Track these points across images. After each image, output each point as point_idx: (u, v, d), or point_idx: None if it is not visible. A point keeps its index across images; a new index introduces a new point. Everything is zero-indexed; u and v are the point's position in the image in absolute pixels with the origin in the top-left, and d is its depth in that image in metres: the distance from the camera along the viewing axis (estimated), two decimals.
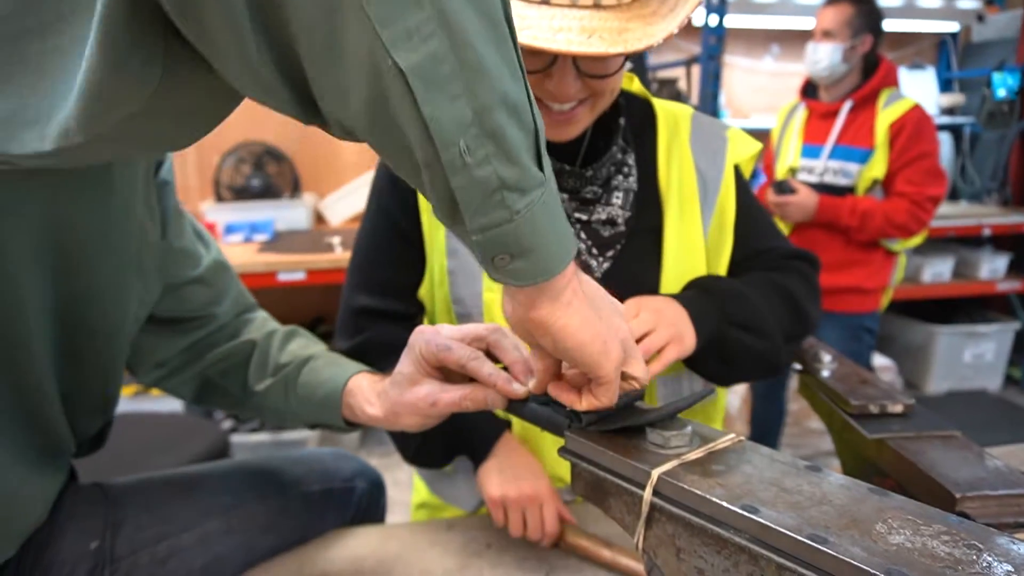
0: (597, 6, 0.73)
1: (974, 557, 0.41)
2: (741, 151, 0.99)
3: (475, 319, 0.94)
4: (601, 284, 0.90)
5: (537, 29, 0.71)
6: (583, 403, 0.57)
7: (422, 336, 0.66)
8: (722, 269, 0.98)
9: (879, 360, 3.07)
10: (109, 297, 0.70)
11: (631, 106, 0.99)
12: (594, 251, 0.93)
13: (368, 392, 0.74)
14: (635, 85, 1.02)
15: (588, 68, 0.79)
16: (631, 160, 0.96)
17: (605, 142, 0.93)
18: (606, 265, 0.93)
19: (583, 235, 0.94)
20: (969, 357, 3.46)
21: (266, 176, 3.08)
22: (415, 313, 1.01)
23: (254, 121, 3.22)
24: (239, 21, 0.34)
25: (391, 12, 0.35)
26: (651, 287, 0.94)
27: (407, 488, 2.56)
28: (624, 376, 0.57)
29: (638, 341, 0.76)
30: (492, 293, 0.92)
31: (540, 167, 0.43)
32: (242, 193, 3.05)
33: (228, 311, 0.87)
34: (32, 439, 0.68)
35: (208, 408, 0.90)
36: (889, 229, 2.08)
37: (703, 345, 0.82)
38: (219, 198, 3.05)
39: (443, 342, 0.64)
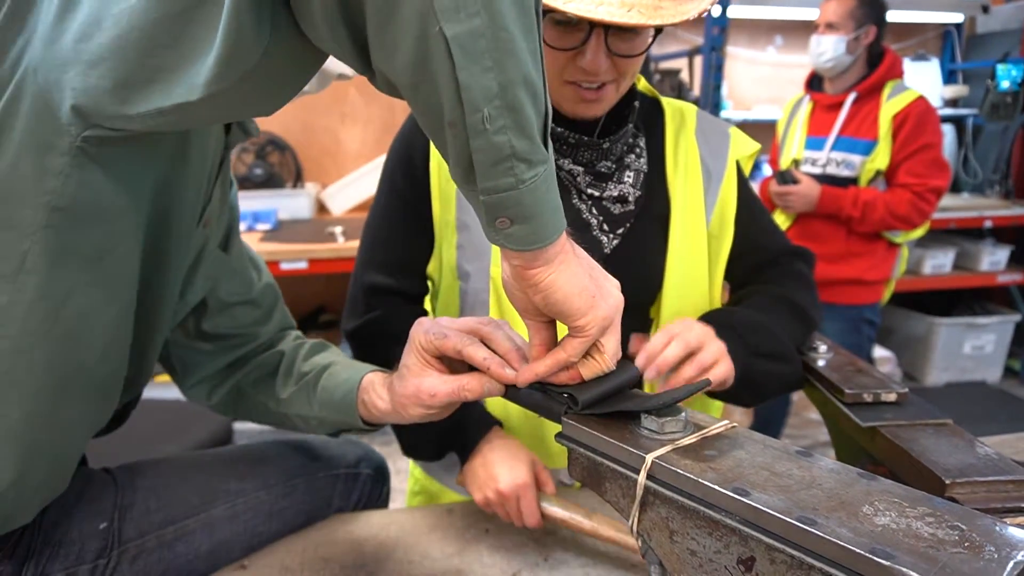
0: None
1: (956, 537, 0.42)
2: (742, 148, 1.03)
3: (480, 295, 0.97)
4: (609, 261, 0.94)
5: (580, 2, 0.77)
6: (547, 362, 0.60)
7: (420, 327, 0.68)
8: (722, 259, 1.01)
9: (879, 352, 3.08)
10: (172, 275, 0.73)
11: (642, 102, 1.02)
12: (605, 227, 0.96)
13: (379, 388, 0.76)
14: (642, 84, 1.05)
15: (617, 48, 0.85)
16: (642, 143, 1.00)
17: (619, 122, 0.97)
18: (615, 242, 0.96)
19: (594, 211, 0.96)
20: (969, 349, 3.47)
21: (269, 165, 3.09)
22: (424, 292, 1.04)
23: None
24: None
25: None
26: (657, 267, 0.97)
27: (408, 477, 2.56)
28: (596, 347, 0.59)
29: (691, 356, 0.80)
30: (498, 269, 0.93)
31: (546, 146, 0.48)
32: (245, 182, 3.06)
33: (271, 330, 0.91)
34: (100, 408, 0.70)
35: (244, 419, 0.92)
36: (891, 220, 2.08)
37: (735, 380, 0.85)
38: None
39: (440, 331, 0.66)
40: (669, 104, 1.04)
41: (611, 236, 0.95)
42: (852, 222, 2.13)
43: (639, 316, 0.99)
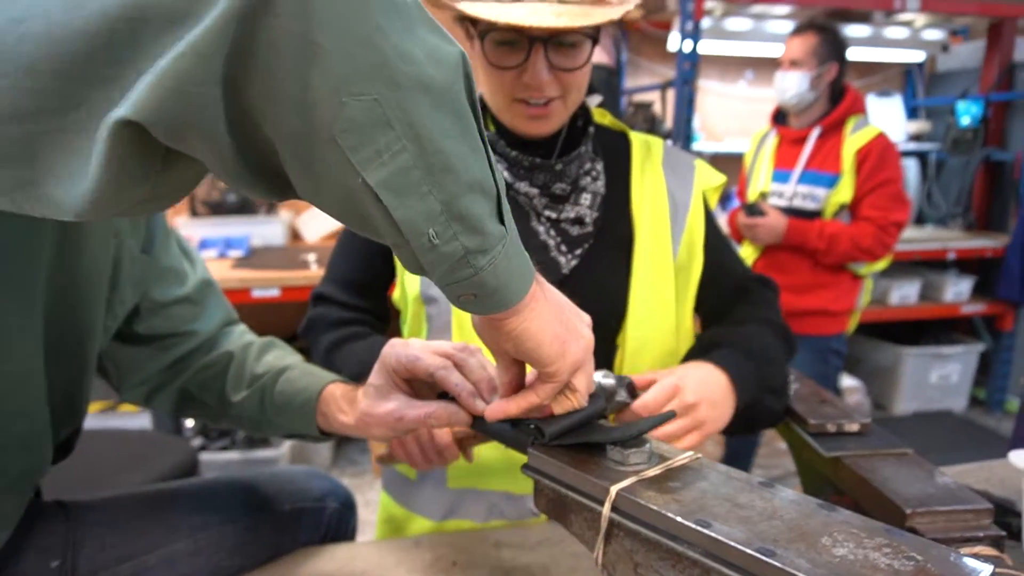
0: (560, 2, 0.83)
1: (912, 568, 0.43)
2: (708, 179, 1.05)
3: (446, 320, 0.97)
4: (567, 281, 0.95)
5: (511, 13, 0.80)
6: (518, 402, 0.60)
7: (392, 349, 0.68)
8: (692, 288, 1.02)
9: (847, 381, 3.13)
10: (88, 300, 0.71)
11: (605, 134, 1.06)
12: (562, 248, 0.97)
13: (341, 401, 0.76)
14: (607, 119, 1.09)
15: (558, 62, 0.88)
16: (599, 167, 1.02)
17: (573, 145, 1.00)
18: (574, 263, 0.97)
19: (552, 232, 0.98)
20: (935, 378, 3.53)
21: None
22: (372, 314, 1.05)
23: None
24: (222, 149, 0.37)
25: (361, 139, 0.38)
26: (620, 292, 0.98)
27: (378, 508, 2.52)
28: (568, 386, 0.59)
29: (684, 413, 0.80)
30: None
31: (502, 221, 0.47)
32: (218, 208, 3.04)
33: (210, 326, 0.88)
34: (16, 456, 0.68)
35: (189, 418, 0.90)
36: (855, 252, 2.13)
37: (737, 410, 0.85)
38: (194, 213, 3.04)
39: (413, 353, 0.67)
40: (636, 137, 1.07)
41: (569, 257, 0.97)
42: (818, 254, 2.17)
43: (604, 340, 1.00)
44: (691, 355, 0.94)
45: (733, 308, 1.03)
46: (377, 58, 0.37)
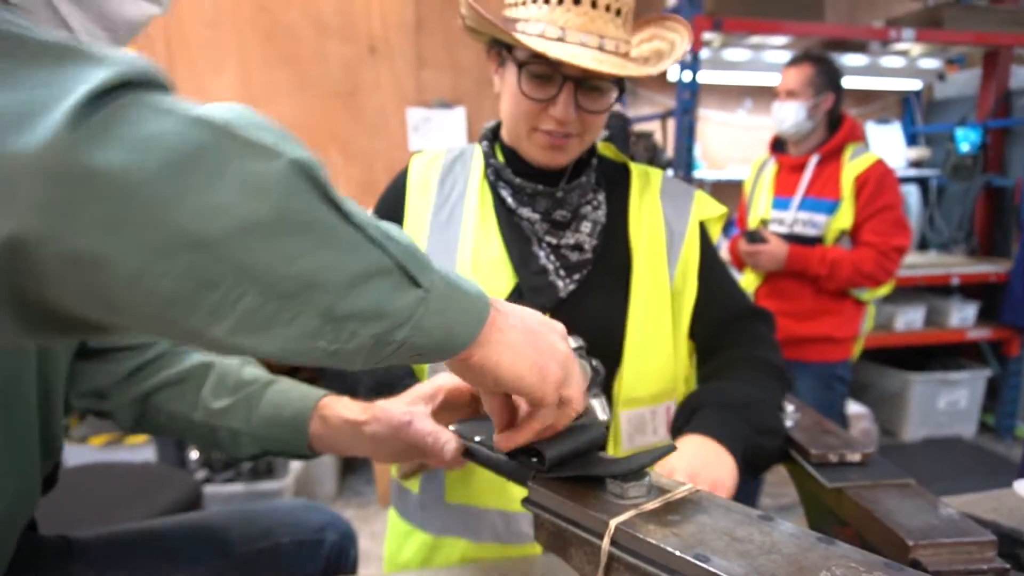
0: (601, 49, 0.89)
1: None
2: (706, 210, 1.08)
3: None
4: (564, 304, 0.97)
5: (555, 50, 0.86)
6: (524, 433, 0.60)
7: (378, 423, 0.76)
8: (686, 313, 1.04)
9: (854, 408, 3.10)
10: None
11: (606, 164, 1.10)
12: (561, 272, 1.00)
13: (347, 402, 0.79)
14: (611, 151, 1.13)
15: (585, 103, 0.93)
16: (601, 197, 1.06)
17: (577, 175, 1.03)
18: (571, 287, 0.99)
19: (552, 257, 1.01)
20: (943, 404, 3.50)
21: None
22: None
23: None
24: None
25: (190, 306, 0.36)
26: (618, 317, 1.00)
27: (383, 541, 2.50)
28: (560, 399, 0.59)
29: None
30: None
31: (415, 281, 0.44)
32: None
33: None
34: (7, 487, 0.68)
35: (150, 432, 0.88)
36: (857, 278, 2.13)
37: (739, 463, 0.84)
38: None
39: (399, 420, 0.74)
40: (636, 167, 1.10)
41: (567, 281, 0.99)
42: (820, 280, 2.18)
43: (603, 363, 1.00)
44: (676, 424, 0.94)
45: (722, 343, 1.03)
46: (168, 231, 0.34)
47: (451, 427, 0.77)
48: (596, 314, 0.99)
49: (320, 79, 3.30)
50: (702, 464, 0.80)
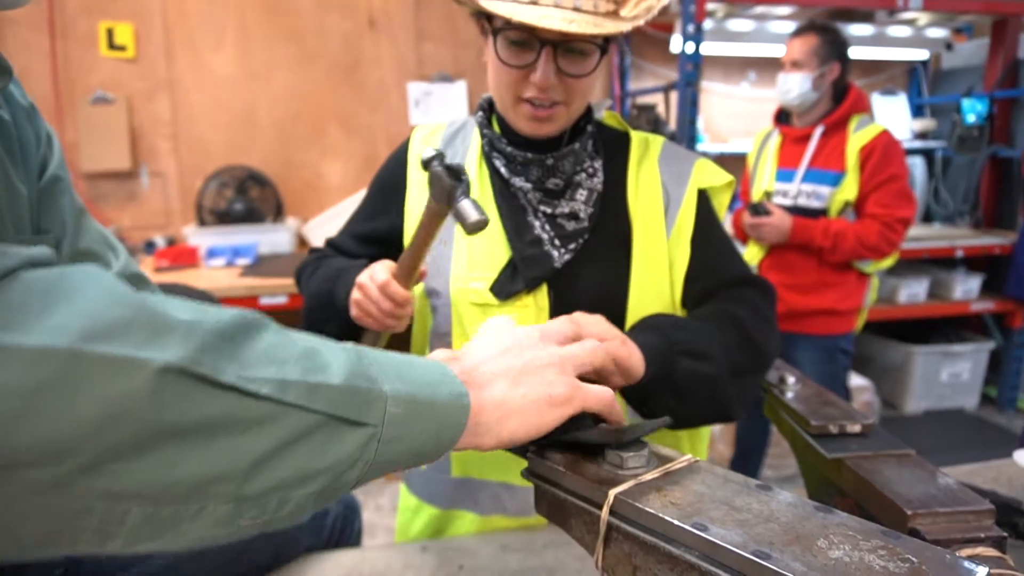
0: (576, 9, 0.85)
1: (907, 569, 0.43)
2: (708, 178, 1.03)
3: (446, 314, 1.02)
4: (560, 275, 0.97)
5: (525, 15, 0.83)
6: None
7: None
8: (678, 282, 1.01)
9: (857, 380, 3.11)
10: None
11: (608, 132, 1.07)
12: (556, 242, 0.99)
13: None
14: (615, 119, 1.10)
15: (566, 67, 0.90)
16: (597, 164, 1.03)
17: (570, 142, 1.01)
18: (567, 256, 0.98)
19: (547, 227, 0.99)
20: (946, 376, 3.51)
21: (249, 200, 3.10)
22: (376, 257, 1.05)
23: (237, 146, 3.24)
24: None
25: (71, 534, 0.34)
26: (619, 287, 0.99)
27: (389, 513, 2.55)
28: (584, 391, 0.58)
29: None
30: (459, 285, 0.99)
31: (358, 422, 0.42)
32: (225, 217, 3.06)
33: None
34: None
35: None
36: (861, 250, 2.12)
37: (653, 377, 0.80)
38: (201, 222, 3.06)
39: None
40: (637, 135, 1.07)
41: (562, 251, 0.98)
42: (823, 252, 2.17)
43: None
44: None
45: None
46: (13, 454, 0.32)
47: None
48: (594, 284, 0.98)
49: (320, 53, 3.27)
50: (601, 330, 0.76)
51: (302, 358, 0.41)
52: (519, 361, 0.53)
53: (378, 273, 0.90)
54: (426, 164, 0.89)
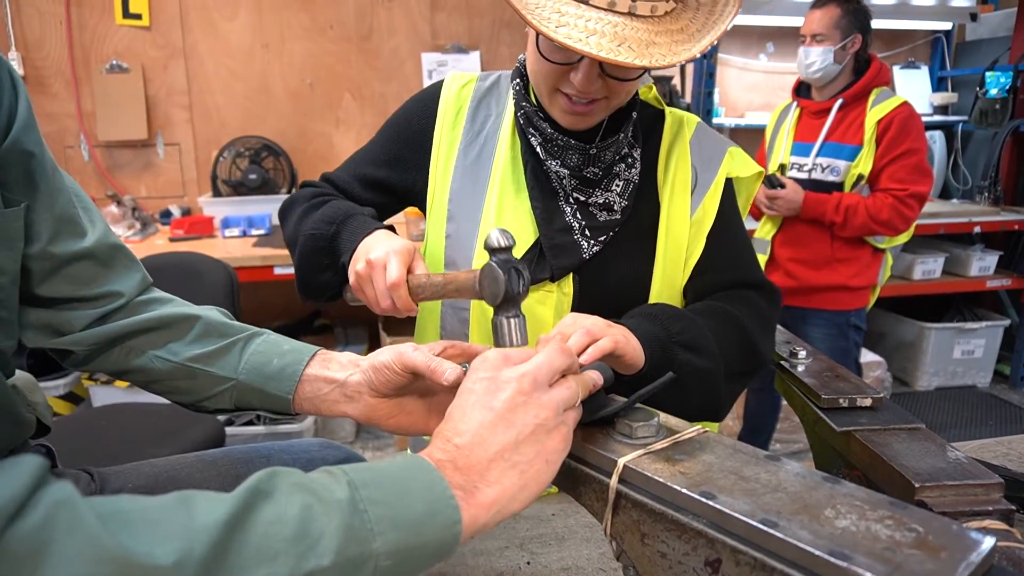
0: (631, 15, 0.77)
1: (913, 539, 0.44)
2: (738, 167, 1.01)
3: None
4: (587, 265, 0.95)
5: (572, 28, 0.75)
6: None
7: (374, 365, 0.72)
8: (688, 268, 0.99)
9: (869, 356, 3.10)
10: None
11: (644, 110, 1.03)
12: (587, 232, 0.96)
13: (340, 356, 0.77)
14: (652, 93, 1.05)
15: (611, 70, 0.84)
16: (636, 154, 0.99)
17: (614, 130, 0.96)
18: (596, 248, 0.96)
19: (579, 215, 0.96)
20: (959, 353, 3.49)
21: (263, 171, 3.10)
22: (371, 204, 1.02)
23: (251, 116, 3.24)
24: None
25: None
26: (642, 282, 0.97)
27: None
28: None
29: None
30: (482, 261, 0.95)
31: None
32: (239, 187, 3.07)
33: (131, 289, 0.80)
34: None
35: (105, 372, 0.83)
36: (873, 225, 2.10)
37: (650, 366, 0.80)
38: (216, 192, 3.07)
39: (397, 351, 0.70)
40: (672, 114, 1.03)
41: (592, 242, 0.96)
42: (835, 227, 2.15)
43: None
44: None
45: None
46: None
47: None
48: (621, 274, 0.96)
49: (334, 22, 3.25)
50: (598, 331, 0.75)
51: (295, 541, 0.44)
52: (513, 432, 0.53)
53: (392, 265, 0.82)
54: (489, 251, 0.76)
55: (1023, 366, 3.56)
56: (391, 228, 0.94)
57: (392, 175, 1.04)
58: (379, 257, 0.83)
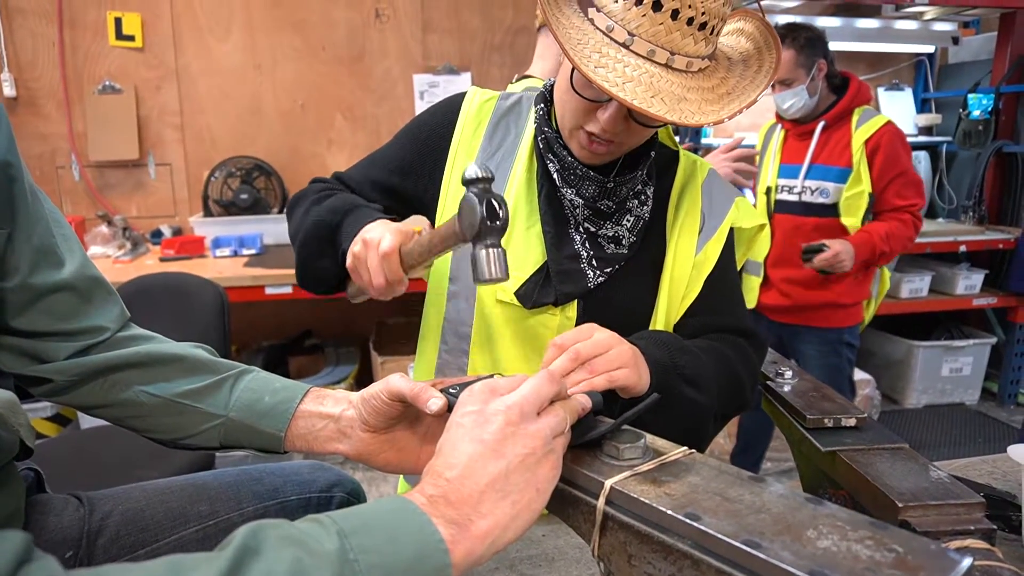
0: (668, 67, 0.79)
1: (893, 559, 0.44)
2: (743, 218, 1.03)
3: (466, 300, 0.99)
4: (591, 296, 0.96)
5: (610, 71, 0.77)
6: None
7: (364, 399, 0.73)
8: (684, 307, 1.00)
9: (858, 374, 3.12)
10: None
11: (659, 151, 1.03)
12: (594, 262, 0.96)
13: (335, 394, 0.77)
14: (666, 132, 1.06)
15: (639, 117, 0.85)
16: (649, 192, 1.00)
17: (632, 166, 0.97)
18: (601, 279, 0.96)
19: (587, 244, 0.97)
20: (947, 371, 3.52)
21: (255, 191, 3.11)
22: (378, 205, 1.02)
23: (243, 137, 3.25)
24: None
25: None
26: (644, 315, 0.98)
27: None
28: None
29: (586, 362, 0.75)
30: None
31: None
32: (230, 207, 3.08)
33: (113, 324, 0.80)
34: None
35: (84, 408, 0.80)
36: (907, 243, 2.17)
37: (651, 393, 0.79)
38: (207, 212, 3.08)
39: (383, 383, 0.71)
40: (685, 156, 1.05)
41: (597, 273, 0.96)
42: (883, 257, 2.16)
43: None
44: None
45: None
46: None
47: (440, 388, 0.76)
48: (624, 305, 0.97)
49: (326, 43, 3.28)
50: (609, 344, 0.76)
51: None
52: (503, 463, 0.53)
53: (386, 238, 0.82)
54: (466, 183, 0.74)
55: (1010, 384, 3.59)
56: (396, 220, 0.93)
57: (403, 182, 1.04)
58: (374, 236, 0.83)
